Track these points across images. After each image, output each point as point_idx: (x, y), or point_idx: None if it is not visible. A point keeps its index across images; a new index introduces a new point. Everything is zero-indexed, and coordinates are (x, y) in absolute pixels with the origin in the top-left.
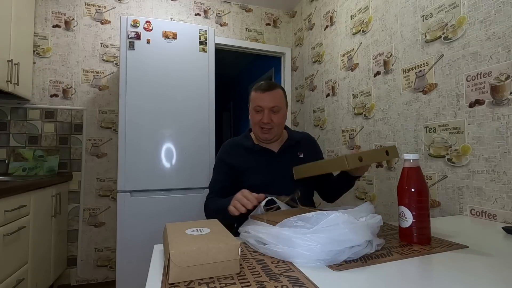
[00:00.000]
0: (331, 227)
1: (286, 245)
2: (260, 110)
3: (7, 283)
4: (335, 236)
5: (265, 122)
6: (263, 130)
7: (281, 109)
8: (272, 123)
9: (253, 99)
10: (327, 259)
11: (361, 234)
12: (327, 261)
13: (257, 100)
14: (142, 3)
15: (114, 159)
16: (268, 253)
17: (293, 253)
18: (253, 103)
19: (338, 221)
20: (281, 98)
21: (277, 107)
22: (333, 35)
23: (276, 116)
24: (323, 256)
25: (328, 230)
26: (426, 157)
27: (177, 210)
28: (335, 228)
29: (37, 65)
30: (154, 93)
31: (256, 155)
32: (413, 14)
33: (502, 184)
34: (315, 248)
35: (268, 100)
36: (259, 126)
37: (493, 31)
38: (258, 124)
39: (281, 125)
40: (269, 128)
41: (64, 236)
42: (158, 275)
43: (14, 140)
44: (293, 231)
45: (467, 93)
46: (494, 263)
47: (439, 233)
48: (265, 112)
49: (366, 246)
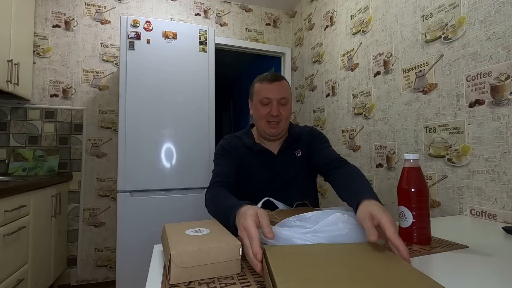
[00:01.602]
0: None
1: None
2: (268, 102)
3: (7, 283)
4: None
5: (275, 115)
6: (270, 124)
7: (289, 101)
8: (280, 116)
9: (259, 91)
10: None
11: (361, 235)
12: None
13: (264, 91)
14: (142, 3)
15: (114, 159)
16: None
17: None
18: (260, 95)
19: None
20: (289, 90)
21: (286, 99)
22: (333, 35)
23: (284, 109)
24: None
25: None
26: (426, 157)
27: (177, 210)
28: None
29: (37, 65)
30: (154, 93)
31: (255, 156)
32: (413, 14)
33: (502, 184)
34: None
35: (277, 91)
36: (265, 120)
37: (493, 31)
38: (265, 117)
39: (288, 119)
40: (277, 122)
41: (64, 236)
42: (158, 275)
43: (14, 140)
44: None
45: (467, 93)
46: (494, 263)
47: (439, 233)
48: (273, 103)
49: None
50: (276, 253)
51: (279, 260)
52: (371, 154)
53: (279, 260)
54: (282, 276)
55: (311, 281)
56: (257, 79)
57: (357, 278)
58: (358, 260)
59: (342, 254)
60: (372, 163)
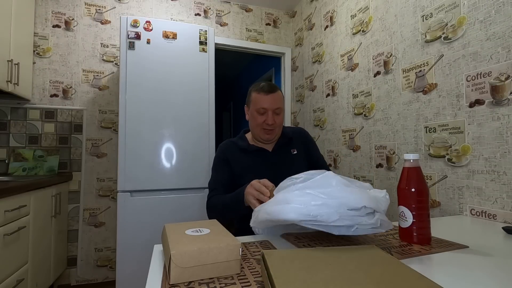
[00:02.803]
0: (324, 184)
1: (279, 204)
2: (264, 112)
3: (7, 283)
4: (327, 191)
5: (271, 124)
6: (266, 131)
7: (282, 110)
8: (275, 124)
9: (256, 100)
10: (319, 214)
11: (359, 196)
12: (319, 217)
13: (261, 102)
14: (142, 3)
15: (114, 159)
16: (268, 218)
17: (286, 209)
18: (257, 104)
19: (332, 181)
20: (282, 100)
21: (280, 109)
22: (333, 35)
23: (278, 117)
24: (315, 210)
25: (322, 186)
26: (426, 157)
27: (177, 210)
28: (328, 186)
29: (37, 65)
30: (154, 93)
31: (251, 155)
32: (413, 14)
33: (502, 184)
34: (306, 200)
35: (273, 102)
36: (261, 127)
37: (493, 31)
38: (261, 125)
39: (281, 126)
40: (272, 129)
41: (64, 236)
42: (158, 275)
43: (14, 140)
44: (286, 190)
45: (467, 93)
46: (494, 263)
47: (439, 233)
48: (269, 113)
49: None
50: (275, 257)
51: (278, 263)
52: (371, 154)
53: (278, 264)
54: (281, 279)
55: (310, 284)
56: (254, 88)
57: (356, 280)
58: (356, 263)
59: (340, 257)
60: (372, 163)
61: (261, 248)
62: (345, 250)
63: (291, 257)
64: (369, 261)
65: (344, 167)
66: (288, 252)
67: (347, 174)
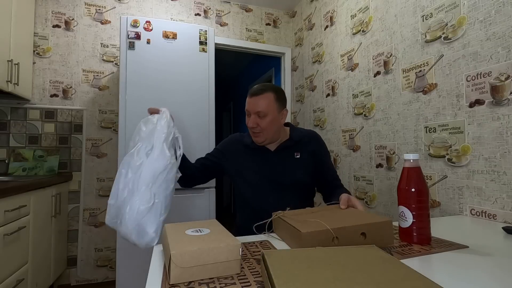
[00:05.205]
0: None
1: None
2: (249, 114)
3: (7, 283)
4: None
5: (250, 127)
6: (253, 134)
7: (267, 114)
8: (258, 127)
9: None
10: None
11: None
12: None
13: (246, 104)
14: (142, 3)
15: (114, 159)
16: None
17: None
18: (246, 106)
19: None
20: (269, 103)
21: (262, 113)
22: (333, 35)
23: (263, 121)
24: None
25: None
26: (426, 157)
27: (177, 210)
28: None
29: (37, 65)
30: (154, 93)
31: (252, 153)
32: (413, 14)
33: (502, 184)
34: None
35: (253, 105)
36: (249, 129)
37: (493, 31)
38: (249, 128)
39: (269, 130)
40: (257, 132)
41: (64, 236)
42: (158, 276)
43: (14, 140)
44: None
45: (467, 93)
46: (494, 263)
47: (439, 233)
48: (251, 116)
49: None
50: (275, 257)
51: (278, 263)
52: (371, 154)
53: (278, 264)
54: (281, 279)
55: (310, 284)
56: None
57: (356, 280)
58: (356, 263)
59: (340, 257)
60: (372, 163)
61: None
62: (345, 250)
63: (291, 257)
64: (369, 261)
65: (344, 167)
66: (288, 252)
67: (347, 174)
